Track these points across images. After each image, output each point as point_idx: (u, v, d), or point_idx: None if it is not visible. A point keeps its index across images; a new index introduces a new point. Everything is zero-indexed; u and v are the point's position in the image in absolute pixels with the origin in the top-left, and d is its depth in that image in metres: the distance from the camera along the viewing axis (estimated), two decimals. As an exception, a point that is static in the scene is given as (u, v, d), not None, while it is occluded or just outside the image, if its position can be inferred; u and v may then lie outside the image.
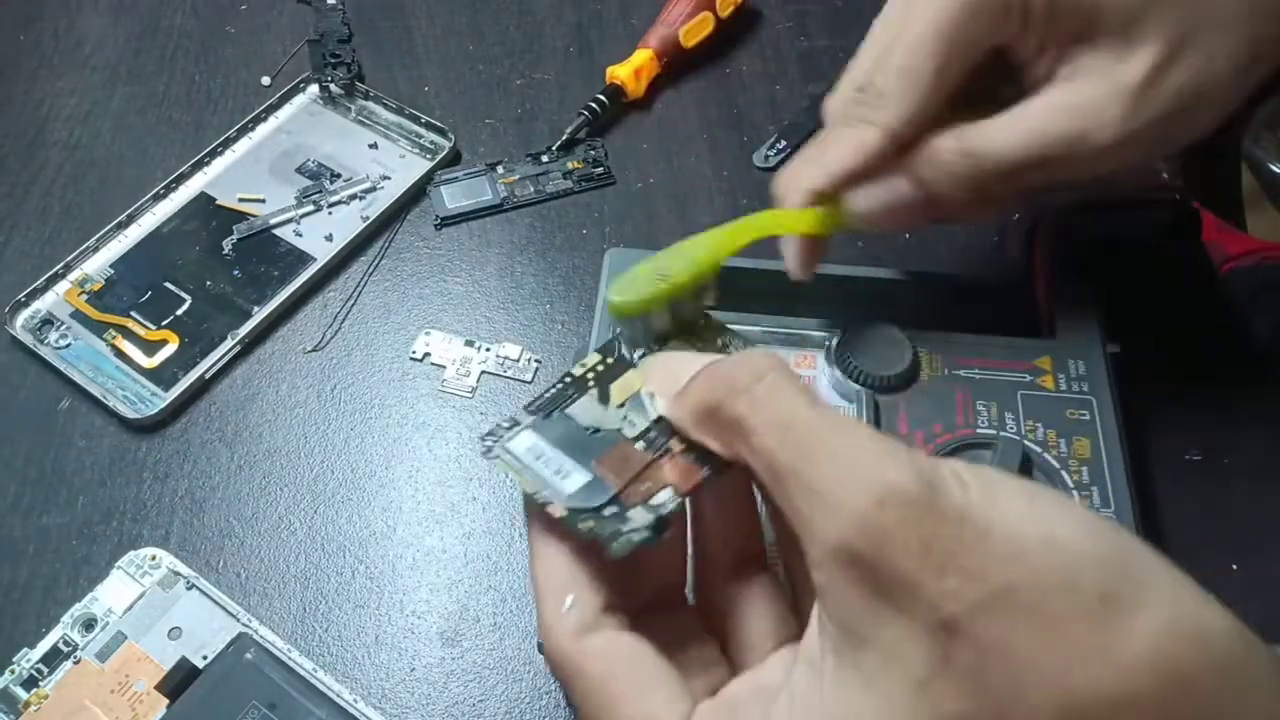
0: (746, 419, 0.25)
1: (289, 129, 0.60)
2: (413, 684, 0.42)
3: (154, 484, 0.47)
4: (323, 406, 0.50)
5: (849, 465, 0.23)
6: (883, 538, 0.22)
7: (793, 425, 0.24)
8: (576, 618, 0.26)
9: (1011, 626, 0.21)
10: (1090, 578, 0.21)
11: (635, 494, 0.27)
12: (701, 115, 0.61)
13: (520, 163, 0.58)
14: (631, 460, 0.28)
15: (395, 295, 0.54)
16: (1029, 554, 0.21)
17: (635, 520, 0.26)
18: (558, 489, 0.27)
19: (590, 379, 0.30)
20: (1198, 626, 0.21)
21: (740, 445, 0.25)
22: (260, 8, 0.67)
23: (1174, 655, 0.21)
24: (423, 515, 0.46)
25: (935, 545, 0.22)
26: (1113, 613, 0.21)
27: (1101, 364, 0.43)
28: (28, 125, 0.61)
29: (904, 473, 0.22)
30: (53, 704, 0.40)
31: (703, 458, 0.27)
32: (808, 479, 0.23)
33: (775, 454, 0.24)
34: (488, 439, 0.29)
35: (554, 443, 0.29)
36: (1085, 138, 0.36)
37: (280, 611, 0.44)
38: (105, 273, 0.54)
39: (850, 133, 0.37)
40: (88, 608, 0.43)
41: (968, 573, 0.21)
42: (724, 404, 0.25)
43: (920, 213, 0.38)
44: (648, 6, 0.64)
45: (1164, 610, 0.21)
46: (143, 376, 0.50)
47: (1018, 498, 0.23)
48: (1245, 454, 0.46)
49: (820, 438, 0.24)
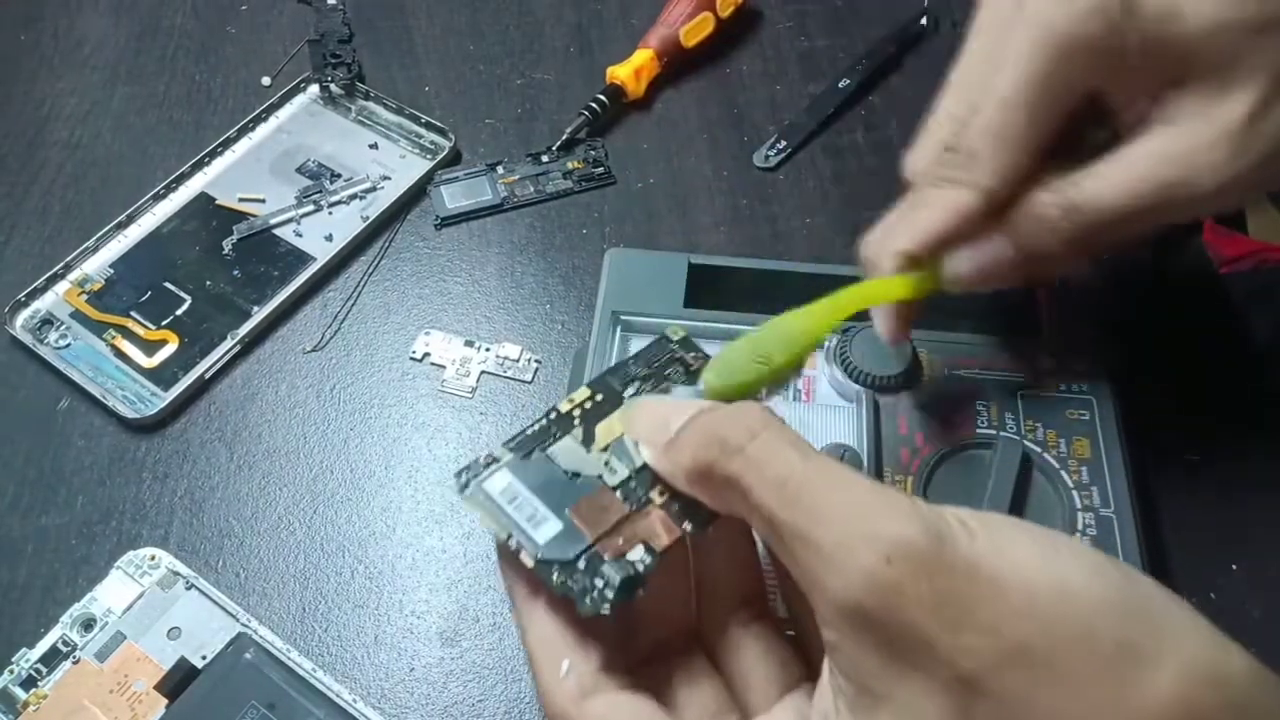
0: (742, 478, 0.24)
1: (289, 129, 0.60)
2: (412, 684, 0.42)
3: (153, 484, 0.47)
4: (322, 406, 0.50)
5: (852, 521, 0.22)
6: (893, 595, 0.21)
7: (789, 482, 0.24)
8: (574, 682, 0.26)
9: (1030, 680, 0.21)
10: (1105, 626, 0.21)
11: (610, 548, 0.26)
12: (701, 115, 0.61)
13: (520, 163, 0.58)
14: (609, 511, 0.27)
15: (395, 295, 0.54)
16: (1043, 607, 0.21)
17: (607, 577, 0.26)
18: (530, 536, 0.27)
19: (577, 416, 0.30)
20: (1215, 671, 0.21)
21: (737, 503, 0.25)
22: (260, 8, 0.67)
23: (1193, 701, 0.21)
24: (422, 515, 0.46)
25: (948, 600, 0.21)
26: (1130, 662, 0.21)
27: (1101, 364, 0.43)
28: (28, 125, 0.61)
29: (909, 525, 0.22)
30: (52, 704, 0.40)
31: (684, 511, 0.27)
32: (811, 537, 0.23)
33: (775, 513, 0.24)
34: (464, 474, 0.28)
35: (531, 486, 0.28)
36: (1189, 183, 0.34)
37: (279, 611, 0.44)
38: (105, 273, 0.54)
39: (942, 195, 0.35)
40: (87, 608, 0.43)
41: (983, 628, 0.21)
42: (717, 463, 0.25)
43: (1019, 271, 0.36)
44: (648, 6, 0.64)
45: (1181, 656, 0.21)
46: (142, 376, 0.50)
47: (1026, 545, 0.22)
48: (1245, 455, 0.46)
49: (820, 493, 0.23)
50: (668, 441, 0.27)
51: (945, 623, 0.21)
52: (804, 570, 0.23)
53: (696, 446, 0.26)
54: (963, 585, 0.21)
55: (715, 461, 0.25)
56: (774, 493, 0.24)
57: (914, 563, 0.22)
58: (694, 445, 0.26)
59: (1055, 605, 0.21)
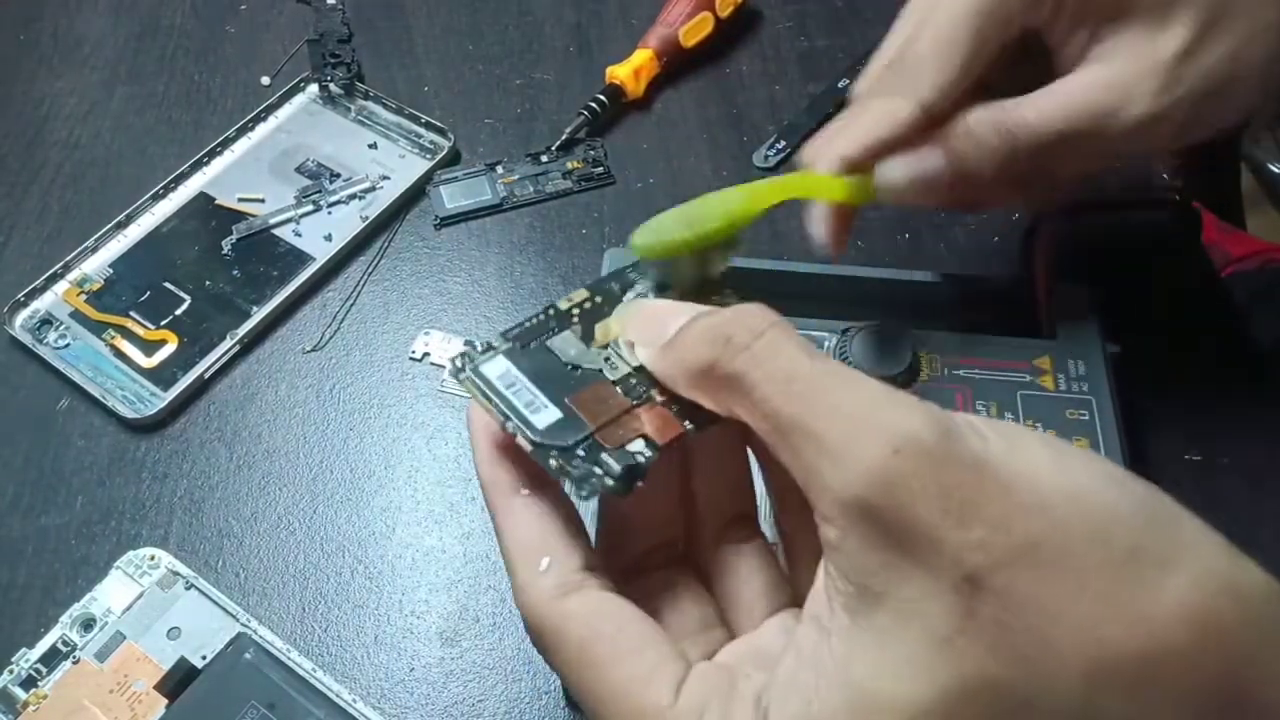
0: (746, 375, 0.23)
1: (289, 129, 0.60)
2: (412, 684, 0.42)
3: (153, 484, 0.47)
4: (322, 406, 0.50)
5: (860, 416, 0.22)
6: (900, 488, 0.21)
7: (796, 377, 0.23)
8: (554, 578, 0.25)
9: (1039, 579, 0.20)
10: (1119, 530, 0.21)
11: (610, 438, 0.25)
12: (701, 115, 0.61)
13: (520, 163, 0.58)
14: (609, 403, 0.26)
15: (395, 295, 0.54)
16: (1055, 507, 0.21)
17: (607, 466, 0.25)
18: (528, 421, 0.26)
19: (575, 314, 0.29)
20: (1232, 582, 0.21)
21: (738, 402, 0.24)
22: (260, 8, 0.67)
23: (1208, 610, 0.20)
24: (422, 515, 0.46)
25: (956, 494, 0.21)
26: (1144, 567, 0.20)
27: (1101, 364, 0.43)
28: (27, 125, 0.61)
29: (918, 420, 0.21)
30: (52, 704, 0.40)
31: (685, 411, 0.26)
32: (816, 432, 0.22)
33: (780, 409, 0.23)
34: (459, 359, 0.27)
35: (529, 374, 0.27)
36: (1118, 113, 0.36)
37: (279, 611, 0.44)
38: (104, 273, 0.54)
39: (881, 103, 0.37)
40: (86, 608, 0.43)
41: (992, 524, 0.20)
42: (720, 360, 0.24)
43: (949, 189, 0.37)
44: (648, 6, 0.64)
45: (1198, 566, 0.21)
46: (142, 376, 0.50)
47: (1039, 450, 0.22)
48: (1245, 454, 0.46)
49: (827, 389, 0.22)
50: (666, 342, 0.26)
51: (953, 517, 0.20)
52: (807, 466, 0.22)
53: (698, 344, 0.25)
54: (972, 481, 0.21)
55: (718, 359, 0.24)
56: (780, 387, 0.23)
57: (922, 455, 0.21)
58: (696, 343, 0.25)
59: (1068, 506, 0.21)
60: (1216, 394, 0.48)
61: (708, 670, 0.24)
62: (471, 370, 0.27)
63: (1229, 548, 0.21)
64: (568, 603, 0.25)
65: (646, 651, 0.24)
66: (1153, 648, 0.20)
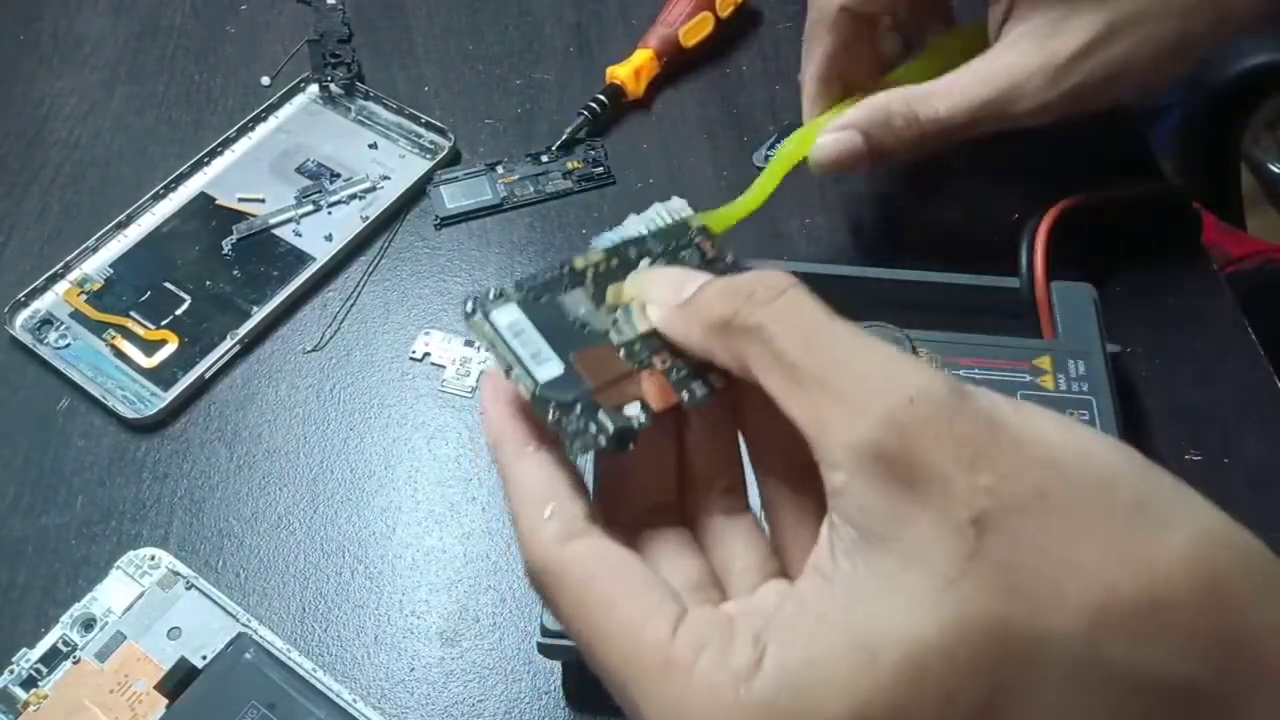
0: (766, 327, 0.24)
1: (289, 129, 0.60)
2: (412, 684, 0.42)
3: (153, 484, 0.47)
4: (322, 406, 0.50)
5: (877, 369, 0.22)
6: (913, 434, 0.21)
7: (817, 332, 0.24)
8: (558, 525, 0.25)
9: (1046, 526, 0.21)
10: (1124, 487, 0.21)
11: (608, 399, 0.26)
12: (701, 115, 0.61)
13: (520, 163, 0.58)
14: (611, 365, 0.27)
15: (395, 295, 0.54)
16: (1063, 463, 0.21)
17: (601, 424, 0.25)
18: (531, 372, 0.26)
19: (589, 276, 0.29)
20: (1229, 538, 0.21)
21: (753, 354, 0.24)
22: (260, 8, 0.67)
23: (1209, 560, 0.21)
24: (422, 515, 0.46)
25: (969, 444, 0.21)
26: (1148, 520, 0.21)
27: (1101, 364, 0.43)
28: (27, 125, 0.61)
29: (934, 377, 0.22)
30: (52, 704, 0.40)
31: (683, 382, 0.27)
32: (833, 382, 0.23)
33: (798, 360, 0.23)
34: (472, 302, 0.28)
35: (537, 325, 0.27)
36: (1013, 104, 0.44)
37: (279, 611, 0.44)
38: (105, 273, 0.54)
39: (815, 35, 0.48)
40: (87, 608, 0.43)
41: (1002, 472, 0.21)
42: (740, 313, 0.25)
43: (868, 163, 0.46)
44: (648, 6, 0.64)
45: (1197, 522, 0.21)
46: (142, 376, 0.50)
47: (1048, 416, 0.23)
48: (1245, 454, 0.46)
49: (846, 345, 0.23)
50: (682, 301, 0.27)
51: (964, 463, 0.21)
52: (819, 416, 0.23)
53: (718, 299, 0.26)
54: (985, 433, 0.21)
55: (739, 311, 0.25)
56: (799, 339, 0.24)
57: (937, 405, 0.22)
58: (716, 298, 0.26)
59: (1075, 463, 0.22)
60: (1216, 394, 0.48)
61: (706, 612, 0.24)
62: (482, 313, 0.27)
63: (1226, 516, 0.22)
64: (570, 546, 0.25)
65: (646, 592, 0.24)
66: (1157, 594, 0.20)
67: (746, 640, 0.23)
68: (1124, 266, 0.52)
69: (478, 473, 0.47)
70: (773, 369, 0.24)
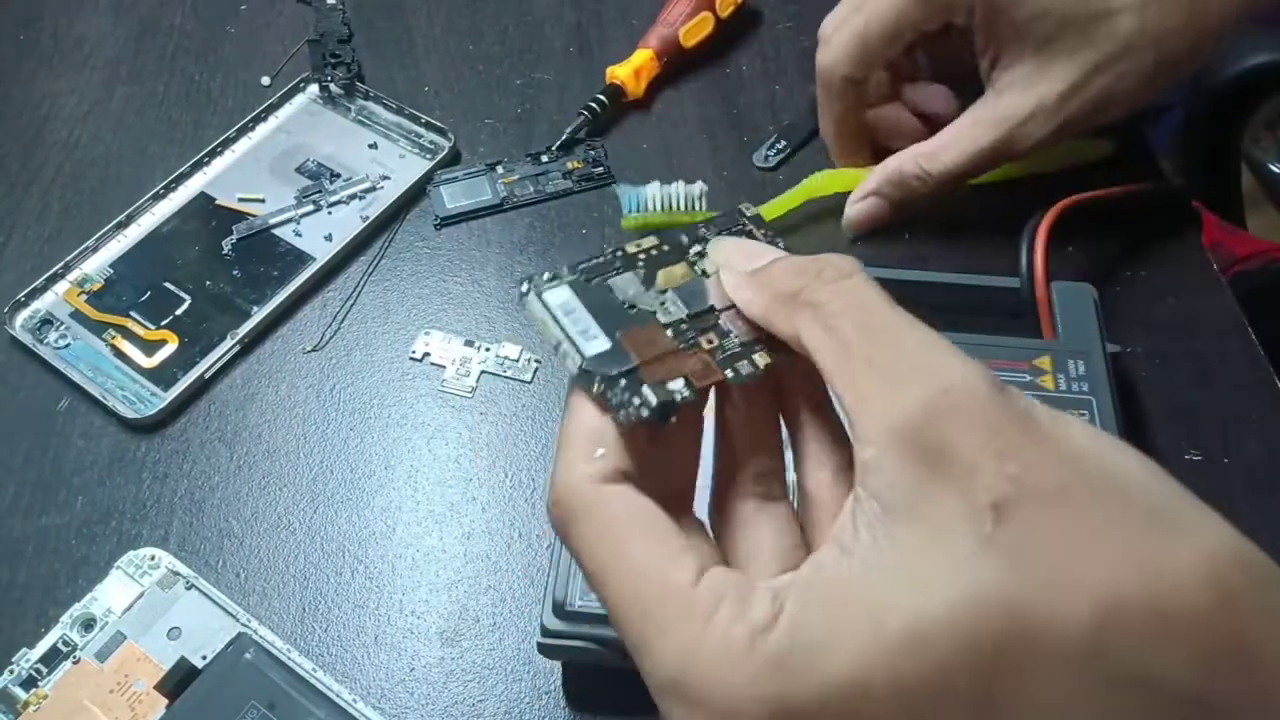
0: (828, 303, 0.25)
1: (289, 129, 0.60)
2: (412, 684, 0.42)
3: (153, 484, 0.47)
4: (322, 406, 0.50)
5: (924, 353, 0.24)
6: (947, 418, 0.22)
7: (876, 313, 0.25)
8: (600, 466, 0.26)
9: (1063, 519, 0.21)
10: (1142, 496, 0.22)
11: (652, 374, 0.27)
12: (701, 115, 0.61)
13: (520, 163, 0.58)
14: (657, 342, 0.28)
15: (395, 295, 0.54)
16: (1087, 464, 0.22)
17: (644, 397, 0.26)
18: (580, 347, 0.28)
19: (641, 259, 0.30)
20: (1240, 555, 0.22)
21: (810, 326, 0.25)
22: (260, 8, 0.67)
23: (1221, 575, 0.21)
24: (422, 515, 0.46)
25: (1000, 433, 0.22)
26: (1164, 529, 0.22)
27: (1101, 364, 0.43)
28: (27, 125, 0.61)
29: (976, 370, 0.23)
30: (52, 704, 0.40)
31: (728, 361, 0.28)
32: (880, 362, 0.24)
33: (851, 337, 0.25)
34: (527, 283, 0.29)
35: (587, 305, 0.29)
36: (1010, 146, 0.49)
37: (279, 611, 0.44)
38: (105, 273, 0.54)
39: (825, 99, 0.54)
40: (87, 608, 0.43)
41: (1028, 463, 0.22)
42: (807, 287, 0.26)
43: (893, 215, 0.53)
44: (648, 6, 0.64)
45: (1210, 538, 0.22)
46: (142, 376, 0.50)
47: (1079, 424, 0.23)
48: (1245, 454, 0.46)
49: (900, 330, 0.25)
50: (755, 268, 0.28)
51: (992, 451, 0.22)
52: (860, 393, 0.24)
53: (789, 272, 0.27)
54: (1016, 426, 0.22)
55: (806, 286, 0.26)
56: (857, 317, 0.25)
57: (974, 395, 0.23)
58: (786, 271, 0.27)
59: (1098, 465, 0.22)
60: (1217, 394, 0.48)
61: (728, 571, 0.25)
62: (536, 294, 0.29)
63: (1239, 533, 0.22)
64: (605, 488, 0.26)
65: (675, 538, 0.25)
66: (1165, 602, 0.21)
67: (765, 597, 0.23)
68: (1124, 266, 0.52)
69: (478, 473, 0.47)
70: (827, 344, 0.25)
